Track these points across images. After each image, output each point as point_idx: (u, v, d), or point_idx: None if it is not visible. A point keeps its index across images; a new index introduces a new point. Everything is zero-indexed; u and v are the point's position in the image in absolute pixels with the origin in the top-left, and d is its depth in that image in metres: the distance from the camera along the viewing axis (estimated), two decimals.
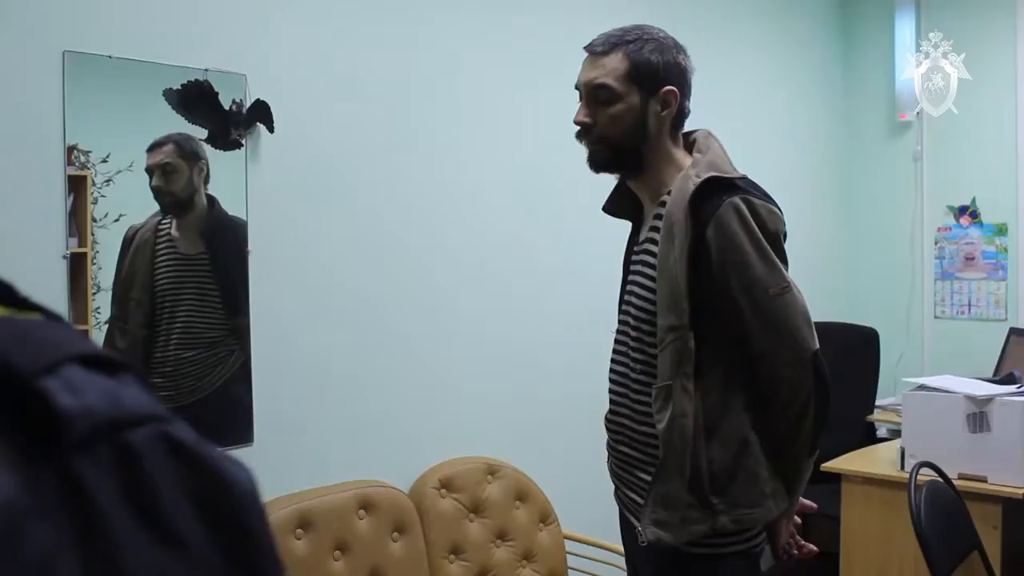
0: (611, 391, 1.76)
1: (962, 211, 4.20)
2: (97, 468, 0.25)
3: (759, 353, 1.59)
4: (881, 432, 3.84)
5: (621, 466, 1.74)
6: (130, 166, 2.11)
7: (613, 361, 1.76)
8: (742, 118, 3.69)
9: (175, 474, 0.26)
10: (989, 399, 2.53)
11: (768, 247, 1.56)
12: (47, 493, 0.24)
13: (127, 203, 2.12)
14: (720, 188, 1.57)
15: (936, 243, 4.27)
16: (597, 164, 1.69)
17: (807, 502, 1.72)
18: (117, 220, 2.11)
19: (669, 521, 1.59)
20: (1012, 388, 2.60)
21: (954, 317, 4.23)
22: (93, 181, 2.06)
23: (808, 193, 4.17)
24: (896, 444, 2.86)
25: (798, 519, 1.69)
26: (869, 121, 4.45)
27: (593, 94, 1.64)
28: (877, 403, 3.90)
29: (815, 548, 1.70)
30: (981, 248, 4.16)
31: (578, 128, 1.67)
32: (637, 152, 1.65)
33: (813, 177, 4.29)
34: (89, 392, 0.26)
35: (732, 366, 1.60)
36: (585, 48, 1.68)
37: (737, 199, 1.56)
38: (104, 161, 2.07)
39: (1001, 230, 4.11)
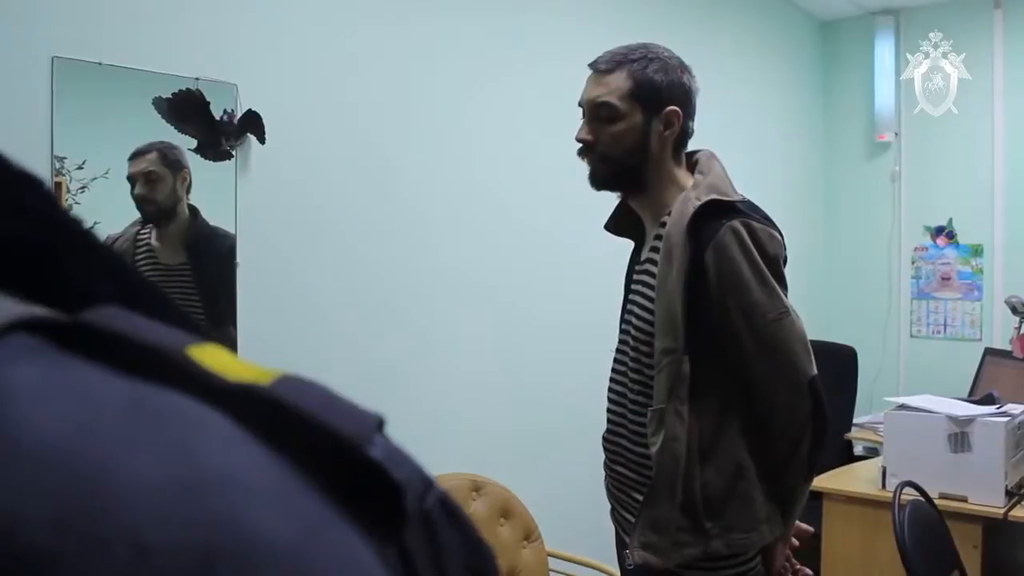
0: (609, 411, 1.75)
1: (939, 231, 4.27)
2: (416, 540, 0.24)
3: (756, 378, 1.58)
4: (858, 450, 3.86)
5: (617, 486, 1.73)
6: (106, 173, 2.06)
7: (612, 380, 1.75)
8: (721, 139, 3.68)
9: (456, 541, 0.26)
10: (970, 419, 2.55)
11: (767, 272, 1.55)
12: (394, 571, 0.23)
13: (102, 211, 2.07)
14: (720, 211, 1.56)
15: (913, 263, 4.33)
16: (598, 182, 1.68)
17: (804, 526, 1.72)
18: (92, 228, 2.06)
19: (659, 544, 1.58)
20: (992, 408, 2.63)
21: (930, 336, 4.29)
22: (68, 188, 2.01)
23: (787, 213, 4.18)
24: (876, 462, 2.88)
25: (796, 542, 1.69)
26: (848, 142, 4.51)
27: (595, 112, 1.63)
28: (855, 421, 3.93)
29: (810, 572, 1.70)
30: (957, 268, 4.22)
31: (580, 146, 1.66)
32: (638, 171, 1.64)
33: (792, 197, 4.33)
34: (400, 461, 0.25)
35: (729, 390, 1.59)
36: (589, 66, 1.67)
37: (737, 223, 1.55)
38: (79, 168, 2.02)
39: (977, 251, 4.17)
